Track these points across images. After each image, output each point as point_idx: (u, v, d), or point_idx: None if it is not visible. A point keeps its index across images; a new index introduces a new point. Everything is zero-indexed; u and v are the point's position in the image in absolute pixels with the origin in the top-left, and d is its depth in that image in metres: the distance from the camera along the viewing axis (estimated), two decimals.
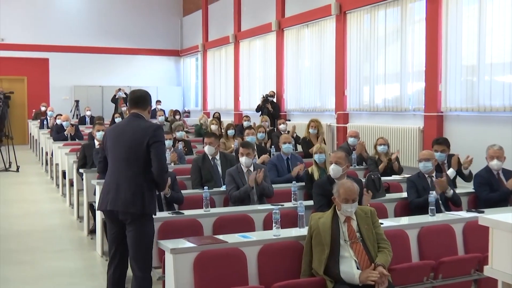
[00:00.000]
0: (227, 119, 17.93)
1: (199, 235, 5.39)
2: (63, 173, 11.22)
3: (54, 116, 15.31)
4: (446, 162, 7.76)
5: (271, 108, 15.90)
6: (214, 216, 5.84)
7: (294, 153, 8.94)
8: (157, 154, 4.75)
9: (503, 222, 3.43)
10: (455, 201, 6.52)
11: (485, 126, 10.12)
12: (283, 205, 6.27)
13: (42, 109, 19.16)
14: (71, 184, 10.18)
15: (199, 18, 23.52)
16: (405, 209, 6.55)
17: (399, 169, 8.74)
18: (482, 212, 5.88)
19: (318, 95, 15.40)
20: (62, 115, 14.17)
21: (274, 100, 16.43)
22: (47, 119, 16.87)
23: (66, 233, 8.87)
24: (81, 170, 8.82)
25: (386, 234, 4.86)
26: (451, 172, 7.51)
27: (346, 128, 13.40)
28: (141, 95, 5.04)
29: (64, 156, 10.92)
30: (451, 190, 6.50)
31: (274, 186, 7.07)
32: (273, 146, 10.32)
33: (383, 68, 12.69)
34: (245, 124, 13.13)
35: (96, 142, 9.39)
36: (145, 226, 4.79)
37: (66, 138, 13.08)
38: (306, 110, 15.79)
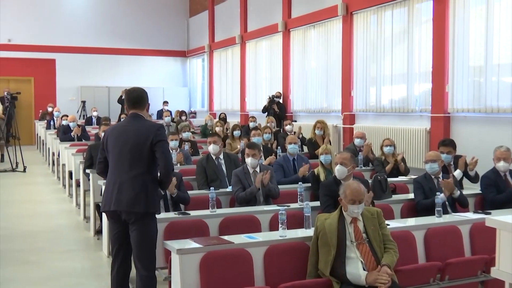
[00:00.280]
0: (233, 120, 17.92)
1: (205, 236, 5.39)
2: (70, 173, 11.24)
3: (61, 116, 15.34)
4: (452, 163, 7.75)
5: (277, 109, 15.89)
6: (220, 216, 5.84)
7: (300, 154, 8.94)
8: (162, 152, 4.78)
9: (510, 223, 3.42)
10: (462, 202, 6.50)
11: (492, 127, 10.08)
12: (289, 206, 6.26)
13: (49, 109, 19.19)
14: (78, 184, 10.19)
15: (206, 19, 23.54)
16: (411, 210, 6.54)
17: (406, 170, 8.72)
18: (489, 213, 5.87)
19: (324, 96, 15.38)
20: (69, 116, 14.20)
21: (280, 101, 16.41)
22: (54, 120, 16.91)
23: (72, 233, 8.89)
24: (87, 171, 8.84)
25: (393, 235, 4.85)
26: (458, 173, 7.49)
27: (352, 129, 13.38)
28: (138, 95, 5.04)
29: (70, 156, 10.94)
30: (458, 191, 6.49)
31: (280, 187, 7.07)
32: (279, 147, 10.31)
33: (390, 69, 12.67)
34: (251, 125, 13.13)
35: None
36: (149, 225, 4.80)
37: (73, 139, 13.11)
38: (312, 111, 15.77)
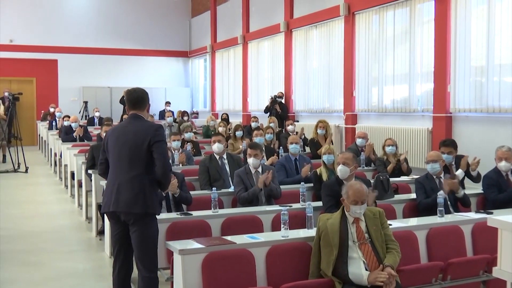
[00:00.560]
0: (235, 120, 17.94)
1: (208, 236, 5.40)
2: (72, 174, 11.24)
3: (62, 117, 15.35)
4: (454, 163, 7.74)
5: (280, 109, 15.90)
6: (223, 217, 5.84)
7: (302, 154, 8.94)
8: (159, 153, 4.75)
9: None
10: (465, 201, 6.51)
11: (493, 127, 10.08)
12: (292, 206, 6.26)
13: (51, 110, 19.21)
14: (80, 185, 10.20)
15: (208, 19, 23.55)
16: (413, 210, 6.54)
17: (408, 170, 8.72)
18: (491, 213, 5.86)
19: (326, 96, 15.38)
20: (71, 117, 14.21)
21: (283, 101, 16.43)
22: (56, 120, 16.93)
23: (74, 234, 8.89)
24: (89, 171, 8.85)
25: (395, 235, 4.84)
26: (460, 173, 7.48)
27: (354, 129, 13.38)
28: (138, 96, 5.01)
29: (72, 157, 10.96)
30: (462, 191, 6.50)
31: (283, 187, 7.07)
32: (281, 147, 10.32)
33: (392, 69, 12.66)
34: (253, 125, 13.13)
35: None
36: (148, 226, 4.79)
37: (75, 139, 13.13)
38: (315, 111, 15.78)
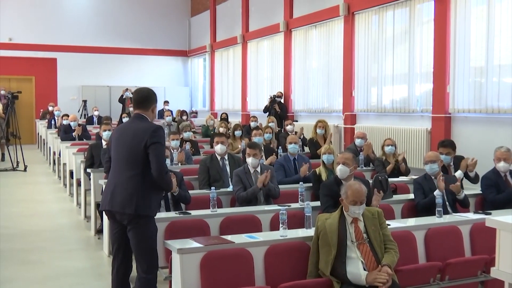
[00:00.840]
0: (235, 120, 17.95)
1: (206, 235, 5.40)
2: (71, 172, 11.25)
3: (61, 115, 15.35)
4: (452, 164, 7.75)
5: (279, 108, 15.90)
6: (221, 216, 5.85)
7: (301, 153, 8.94)
8: (155, 155, 4.69)
9: (510, 223, 3.43)
10: (464, 203, 6.52)
11: (492, 127, 10.09)
12: (290, 205, 6.26)
13: (50, 109, 19.21)
14: (79, 184, 10.21)
15: (207, 18, 23.55)
16: (412, 210, 6.55)
17: (406, 170, 8.73)
18: (489, 213, 5.88)
19: (325, 96, 15.38)
20: (70, 115, 14.22)
21: (282, 101, 16.43)
22: (55, 119, 16.92)
23: (73, 232, 8.90)
24: (88, 170, 8.87)
25: (393, 235, 4.85)
26: (459, 174, 7.48)
27: (353, 129, 13.38)
28: (143, 96, 4.98)
29: (71, 156, 10.96)
30: (463, 193, 6.50)
31: (281, 186, 7.07)
32: (280, 147, 10.32)
33: (391, 69, 12.67)
34: (252, 124, 13.13)
35: (103, 142, 9.42)
36: (144, 227, 4.74)
37: (74, 138, 13.13)
38: (314, 111, 15.78)
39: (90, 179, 8.79)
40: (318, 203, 6.20)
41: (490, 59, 10.09)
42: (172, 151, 9.02)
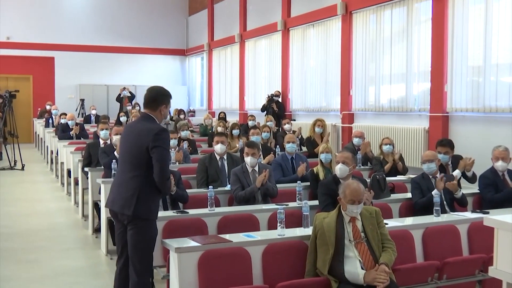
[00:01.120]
0: (232, 119, 17.93)
1: (204, 234, 5.39)
2: (68, 171, 11.24)
3: (59, 114, 15.34)
4: (450, 163, 7.75)
5: (276, 108, 15.89)
6: (219, 215, 5.84)
7: (298, 152, 8.94)
8: (157, 159, 4.59)
9: (508, 222, 3.42)
10: (462, 202, 6.52)
11: (490, 126, 10.09)
12: (288, 204, 6.26)
13: (47, 107, 19.20)
14: (76, 182, 10.21)
15: (205, 17, 23.53)
16: (409, 209, 6.55)
17: (404, 169, 8.73)
18: (487, 212, 5.88)
19: (323, 95, 15.39)
20: (68, 114, 14.21)
21: (279, 100, 16.42)
22: (52, 118, 16.91)
23: (71, 232, 8.89)
24: (86, 169, 8.85)
25: (391, 234, 4.85)
26: (457, 173, 7.47)
27: (351, 128, 13.38)
28: (152, 96, 4.89)
29: (69, 154, 10.95)
30: (461, 192, 6.50)
31: (279, 185, 7.07)
32: (277, 146, 10.32)
33: (389, 68, 12.67)
34: (250, 123, 13.12)
35: (101, 141, 9.41)
36: (141, 230, 4.67)
37: (71, 137, 13.12)
38: (311, 110, 15.78)
39: (87, 178, 8.77)
40: (316, 202, 6.21)
41: (488, 58, 10.09)
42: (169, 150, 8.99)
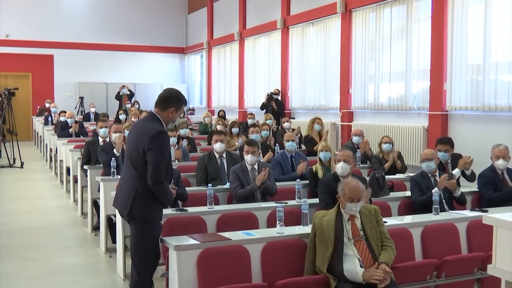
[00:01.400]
0: (232, 117, 17.91)
1: (203, 232, 5.39)
2: (67, 169, 11.24)
3: (58, 112, 15.33)
4: (450, 161, 7.75)
5: (276, 106, 15.88)
6: (218, 213, 5.84)
7: (298, 151, 8.94)
8: (150, 162, 4.54)
9: (507, 221, 3.43)
10: (461, 200, 6.52)
11: (489, 125, 10.10)
12: (287, 203, 6.25)
13: (47, 105, 19.19)
14: (75, 180, 10.20)
15: (204, 15, 23.53)
16: (408, 207, 6.54)
17: (402, 167, 8.72)
18: (486, 211, 5.88)
19: (322, 93, 15.39)
20: (67, 112, 14.19)
21: (279, 98, 16.42)
22: (52, 116, 16.90)
23: (70, 229, 8.88)
24: (85, 167, 8.85)
25: (390, 233, 4.85)
26: (457, 171, 7.46)
27: (350, 126, 13.38)
28: (163, 96, 4.81)
29: (68, 152, 10.94)
30: (460, 191, 6.50)
31: (278, 184, 7.07)
32: (277, 144, 10.31)
33: (388, 66, 12.67)
34: (249, 122, 13.12)
35: (100, 139, 9.40)
36: (139, 231, 4.70)
37: (71, 135, 13.11)
38: (311, 108, 15.78)
39: (86, 176, 8.76)
40: (315, 200, 6.21)
41: (487, 57, 10.09)
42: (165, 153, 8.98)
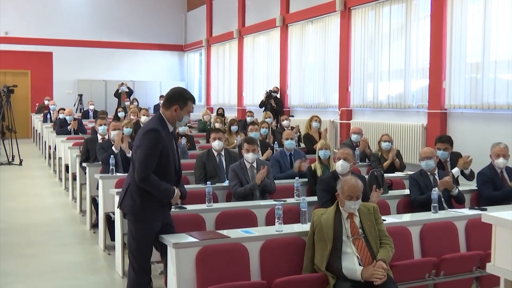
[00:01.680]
0: (231, 115, 17.92)
1: (202, 230, 5.39)
2: (66, 167, 11.23)
3: (57, 110, 15.33)
4: (449, 160, 7.74)
5: (275, 104, 15.87)
6: (217, 211, 5.84)
7: (297, 149, 8.94)
8: (137, 158, 4.63)
9: (506, 219, 3.43)
10: (459, 199, 6.51)
11: (488, 123, 10.10)
12: (286, 200, 6.26)
13: (46, 103, 19.18)
14: (74, 178, 10.19)
15: (203, 13, 23.50)
16: (407, 206, 6.54)
17: (401, 166, 8.73)
18: (485, 209, 5.89)
19: (321, 91, 15.37)
20: (66, 109, 14.19)
21: (278, 96, 16.41)
22: (50, 113, 16.89)
23: (68, 227, 8.89)
24: (84, 164, 8.84)
25: (389, 231, 4.85)
26: (456, 170, 7.47)
27: (349, 124, 13.37)
28: (168, 94, 4.89)
29: (67, 150, 10.94)
30: (457, 189, 6.50)
31: (277, 182, 7.07)
32: (276, 142, 10.31)
33: (387, 64, 12.67)
34: (248, 119, 13.11)
35: (99, 136, 9.39)
36: (131, 227, 4.76)
37: (69, 132, 13.11)
38: (310, 106, 15.77)
39: (85, 173, 8.76)
40: (314, 198, 6.21)
41: (487, 55, 10.09)
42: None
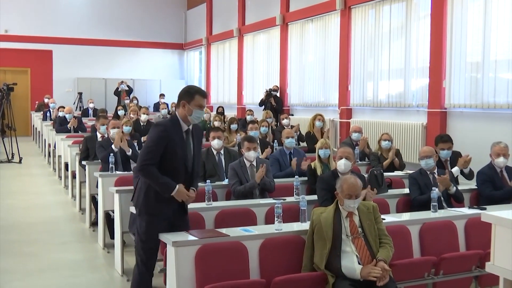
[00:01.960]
0: (230, 113, 17.92)
1: (201, 229, 5.38)
2: (66, 165, 11.23)
3: (57, 108, 15.33)
4: (449, 158, 7.73)
5: (274, 102, 15.87)
6: (216, 209, 5.83)
7: (297, 147, 8.94)
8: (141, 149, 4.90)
9: (506, 218, 3.42)
10: (458, 197, 6.51)
11: (488, 123, 10.09)
12: (285, 199, 6.26)
13: (45, 101, 19.19)
14: (74, 176, 10.20)
15: (203, 11, 23.50)
16: (407, 205, 6.54)
17: (400, 165, 8.72)
18: (485, 208, 5.88)
19: (321, 90, 15.37)
20: (65, 107, 14.20)
21: (278, 94, 16.40)
22: (50, 111, 16.89)
23: (68, 225, 8.89)
24: (83, 162, 8.84)
25: (388, 230, 4.85)
26: (456, 170, 7.46)
27: (349, 123, 13.37)
28: (179, 93, 4.92)
29: (66, 148, 10.94)
30: (454, 187, 6.49)
31: (276, 180, 7.07)
32: (275, 141, 10.31)
33: (387, 63, 12.66)
34: (248, 118, 13.11)
35: (98, 135, 9.39)
36: (138, 221, 4.89)
37: (69, 130, 13.11)
38: (310, 105, 15.77)
39: (85, 171, 8.77)
40: (313, 197, 6.21)
41: (487, 55, 10.08)
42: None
